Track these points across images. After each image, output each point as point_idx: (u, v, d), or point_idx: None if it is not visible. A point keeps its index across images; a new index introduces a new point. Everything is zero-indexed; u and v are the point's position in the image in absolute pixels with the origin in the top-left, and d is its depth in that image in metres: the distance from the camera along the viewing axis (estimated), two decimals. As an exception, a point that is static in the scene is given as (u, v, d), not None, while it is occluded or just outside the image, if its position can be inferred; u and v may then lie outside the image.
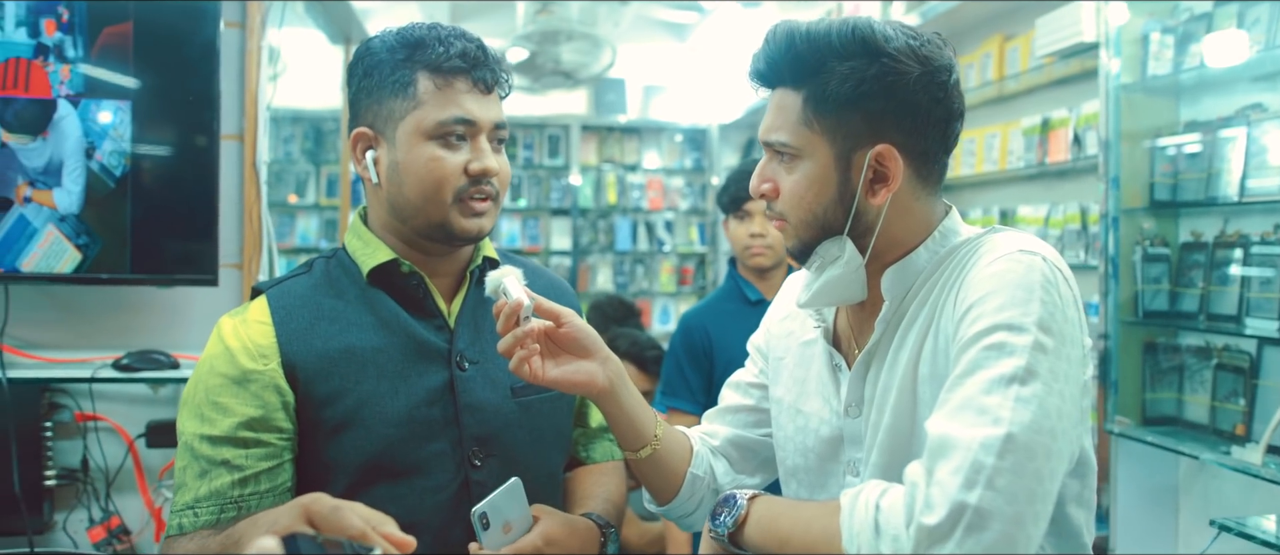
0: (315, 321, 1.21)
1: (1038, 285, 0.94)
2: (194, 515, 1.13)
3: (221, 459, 1.14)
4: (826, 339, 1.17)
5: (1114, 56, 2.36)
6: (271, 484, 1.17)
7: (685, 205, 5.97)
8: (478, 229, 1.22)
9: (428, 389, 1.21)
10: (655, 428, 1.22)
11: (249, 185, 2.14)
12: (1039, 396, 0.89)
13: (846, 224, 1.06)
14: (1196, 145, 2.30)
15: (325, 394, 1.18)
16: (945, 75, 1.04)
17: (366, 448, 1.18)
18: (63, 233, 1.93)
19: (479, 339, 1.27)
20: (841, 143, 1.04)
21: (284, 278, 1.28)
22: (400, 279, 1.25)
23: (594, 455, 1.46)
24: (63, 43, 1.92)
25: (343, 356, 1.19)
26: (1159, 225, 2.40)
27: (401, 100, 1.20)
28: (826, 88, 1.02)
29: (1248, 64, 2.14)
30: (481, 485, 1.20)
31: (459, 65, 1.19)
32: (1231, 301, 2.19)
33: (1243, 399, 2.16)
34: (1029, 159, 2.93)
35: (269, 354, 1.18)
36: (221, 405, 1.16)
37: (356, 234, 1.28)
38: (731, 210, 2.33)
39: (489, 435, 1.24)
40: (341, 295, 1.24)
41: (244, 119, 2.14)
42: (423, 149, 1.19)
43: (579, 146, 5.76)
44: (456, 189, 1.19)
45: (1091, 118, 2.63)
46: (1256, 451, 1.98)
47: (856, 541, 0.91)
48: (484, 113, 1.21)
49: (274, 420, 1.17)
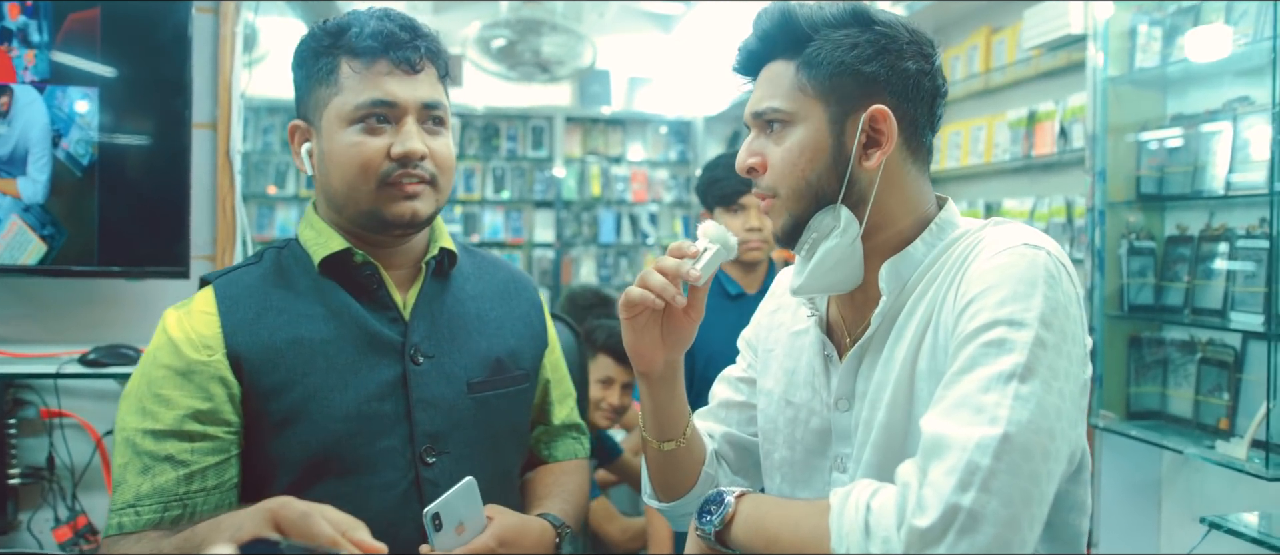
0: (262, 312, 1.17)
1: (1041, 280, 0.92)
2: (135, 514, 1.09)
3: (165, 454, 1.10)
4: (820, 328, 1.14)
5: (1101, 49, 2.35)
6: (218, 480, 1.13)
7: (669, 198, 5.94)
8: (411, 214, 1.18)
9: (379, 382, 1.18)
10: (686, 426, 1.19)
11: (222, 175, 2.09)
12: (1037, 395, 0.87)
13: (841, 192, 1.03)
14: (1183, 139, 2.29)
15: (271, 386, 1.14)
16: (931, 50, 1.06)
17: (313, 443, 1.14)
18: (27, 223, 1.87)
19: (435, 332, 1.23)
20: (835, 105, 1.03)
21: (232, 268, 1.25)
22: (354, 269, 1.22)
23: (556, 453, 1.43)
24: (27, 27, 1.86)
25: (290, 347, 1.16)
26: (1145, 219, 2.38)
27: (326, 88, 1.18)
28: (820, 52, 1.03)
29: (1234, 57, 2.13)
30: (433, 484, 1.18)
31: (373, 46, 1.16)
32: (1216, 295, 2.18)
33: (1227, 393, 2.15)
34: (1015, 152, 2.92)
35: (213, 345, 1.14)
36: (165, 398, 1.12)
37: (310, 224, 1.25)
38: (723, 204, 2.28)
39: (442, 432, 1.21)
40: (292, 286, 1.20)
41: (217, 107, 2.09)
42: (344, 135, 1.16)
43: (563, 138, 5.71)
44: (381, 174, 1.16)
45: (1078, 111, 2.61)
46: (1241, 446, 1.97)
47: (846, 542, 0.89)
48: (407, 93, 1.17)
49: (221, 413, 1.13)
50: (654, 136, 5.97)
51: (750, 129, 1.11)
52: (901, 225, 1.06)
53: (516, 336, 1.33)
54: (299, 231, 1.26)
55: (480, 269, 1.36)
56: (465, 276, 1.32)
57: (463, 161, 5.61)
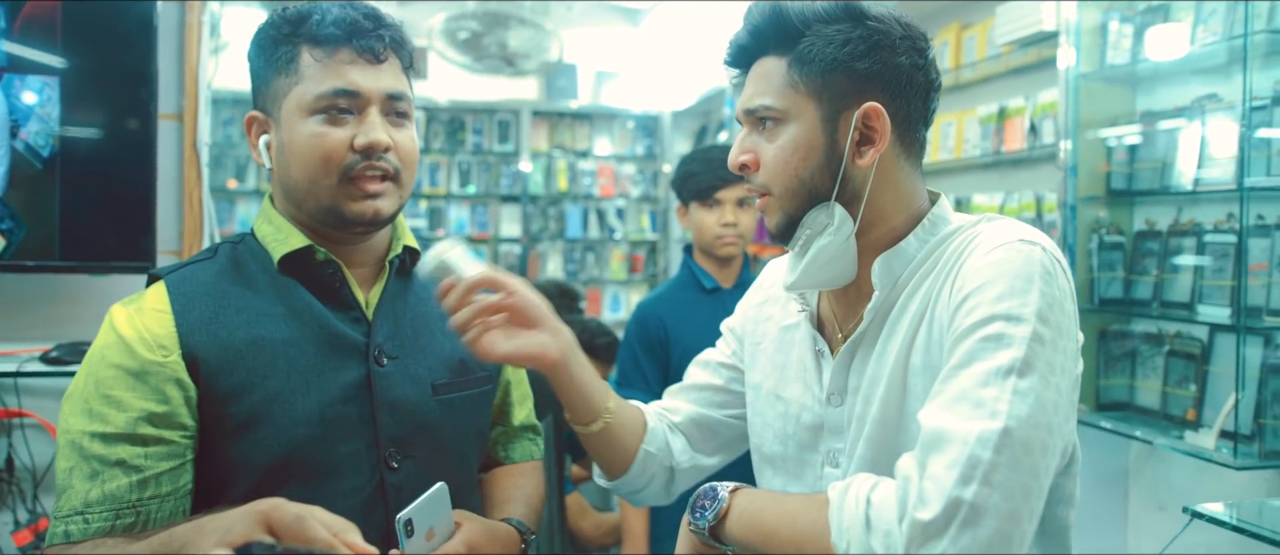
0: (220, 311, 1.12)
1: (1037, 276, 0.92)
2: (84, 522, 1.03)
3: (116, 459, 1.04)
4: (811, 323, 1.14)
5: (1073, 46, 2.38)
6: (173, 486, 1.07)
7: (636, 192, 5.92)
8: (373, 212, 1.14)
9: (342, 385, 1.14)
10: (607, 401, 1.18)
11: (189, 167, 2.04)
12: (1036, 389, 0.87)
13: (834, 189, 1.03)
14: (1152, 135, 2.33)
15: (230, 388, 1.09)
16: (924, 44, 1.05)
17: (275, 447, 1.09)
18: (-15, 217, 1.80)
19: (398, 332, 1.20)
20: (828, 103, 1.02)
21: (185, 263, 1.18)
22: (315, 267, 1.17)
23: (513, 455, 1.41)
24: (-17, 13, 1.79)
25: (250, 348, 1.11)
26: (1114, 214, 2.42)
27: (286, 77, 1.14)
28: (813, 49, 1.02)
29: (1203, 55, 2.17)
30: (398, 488, 1.14)
31: (336, 34, 1.13)
32: (1184, 289, 2.22)
33: (1194, 385, 2.19)
34: (985, 147, 2.95)
35: (168, 345, 1.08)
36: (115, 399, 1.05)
37: (267, 218, 1.20)
38: (699, 198, 2.26)
39: (407, 435, 1.17)
40: (250, 283, 1.15)
41: (183, 98, 2.03)
42: (305, 125, 1.12)
43: (529, 132, 5.66)
44: (343, 166, 1.12)
45: (1047, 107, 2.65)
46: (1209, 436, 2.02)
47: (846, 537, 0.88)
48: (370, 83, 1.14)
49: (176, 416, 1.07)
50: (621, 131, 5.95)
51: (742, 124, 1.10)
52: (895, 221, 1.06)
53: None
54: (255, 226, 1.21)
55: None
56: None
57: (428, 155, 5.53)
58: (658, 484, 1.25)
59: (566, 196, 5.79)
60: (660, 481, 1.25)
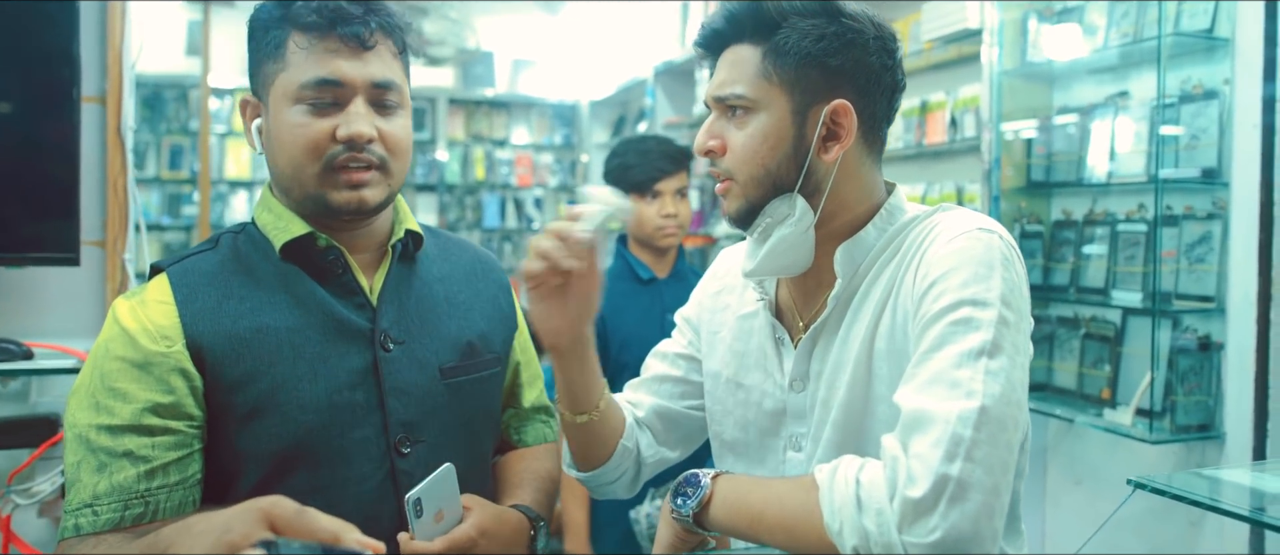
0: (223, 300, 1.11)
1: (998, 262, 0.96)
2: (93, 514, 1.02)
3: (124, 450, 1.03)
4: (769, 311, 1.16)
5: (997, 44, 2.49)
6: (181, 476, 1.06)
7: (554, 182, 5.90)
8: (358, 202, 1.13)
9: (350, 371, 1.13)
10: (600, 399, 1.19)
11: (113, 154, 1.92)
12: (1006, 369, 0.91)
13: (798, 181, 1.05)
14: (1068, 129, 2.46)
15: (236, 377, 1.08)
16: (893, 45, 1.07)
17: (284, 435, 1.09)
18: (-112, 205, 1.67)
19: (404, 316, 1.19)
20: (799, 96, 1.04)
21: (186, 254, 1.17)
22: (317, 254, 1.16)
23: (526, 438, 1.40)
24: (-116, -16, 1.65)
25: (255, 337, 1.10)
26: (1033, 204, 2.55)
27: (274, 63, 1.12)
28: (788, 41, 1.03)
29: (1118, 52, 2.30)
30: (408, 474, 1.14)
31: (319, 21, 1.11)
32: (1099, 275, 2.36)
33: (1108, 365, 2.34)
34: (908, 139, 3.05)
35: (172, 335, 1.07)
36: (121, 391, 1.04)
37: (267, 207, 1.18)
38: (637, 191, 2.24)
39: (417, 419, 1.17)
40: (252, 272, 1.14)
41: (107, 80, 1.92)
42: (289, 113, 1.11)
43: (446, 121, 5.57)
44: (326, 156, 1.11)
45: (968, 101, 2.76)
46: (1126, 413, 2.16)
47: (839, 517, 0.91)
48: (355, 72, 1.12)
49: (183, 406, 1.06)
50: (539, 120, 5.91)
51: (710, 109, 1.11)
52: (855, 213, 1.09)
53: (486, 319, 1.29)
54: (256, 214, 1.19)
55: (446, 251, 1.32)
56: (431, 259, 1.28)
57: (340, 143, 5.38)
58: (627, 478, 1.26)
59: (483, 186, 5.73)
60: (629, 475, 1.26)
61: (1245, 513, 1.28)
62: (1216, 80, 2.11)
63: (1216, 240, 2.10)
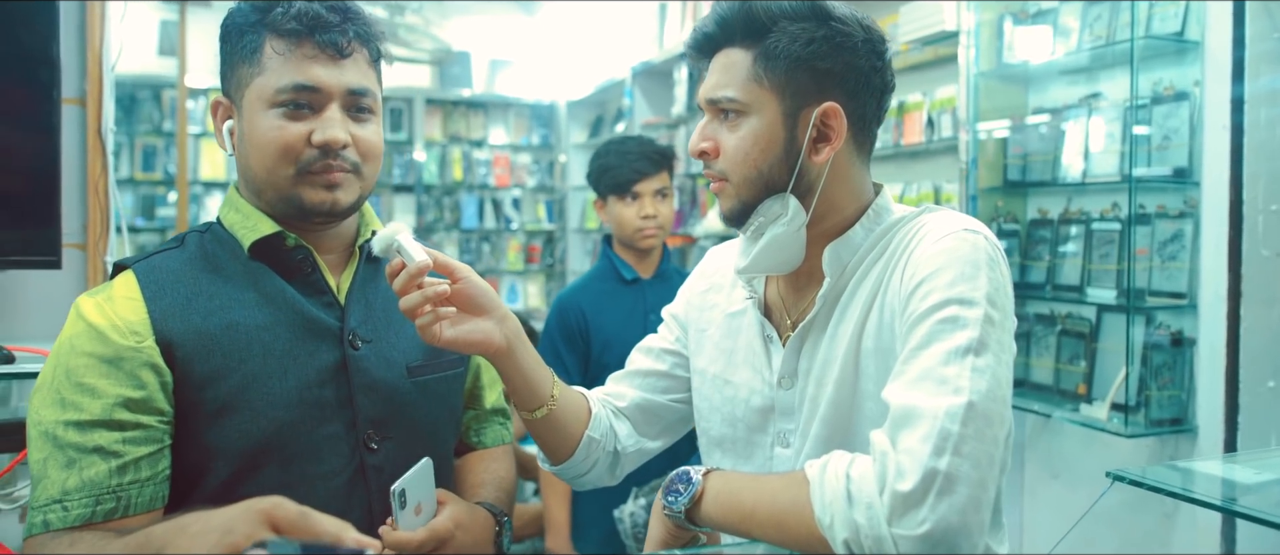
0: (192, 297, 1.12)
1: (984, 262, 0.99)
2: (63, 510, 1.02)
3: (93, 446, 1.03)
4: (758, 309, 1.18)
5: (974, 46, 2.53)
6: (151, 471, 1.07)
7: (532, 182, 5.89)
8: (331, 203, 1.15)
9: (319, 368, 1.15)
10: (551, 388, 1.20)
11: (93, 156, 1.91)
12: (991, 367, 0.94)
13: (790, 181, 1.07)
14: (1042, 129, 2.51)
15: (206, 374, 1.09)
16: (883, 47, 1.09)
17: (254, 432, 1.10)
18: None
19: (371, 316, 1.22)
20: (790, 99, 1.06)
21: (152, 252, 1.18)
22: (285, 254, 1.18)
23: (485, 439, 1.42)
24: None
25: (224, 334, 1.11)
26: (1010, 203, 2.60)
27: (249, 66, 1.14)
28: (778, 45, 1.05)
29: (1090, 54, 2.35)
30: (377, 470, 1.16)
31: (298, 28, 1.12)
32: (1074, 273, 2.41)
33: (1084, 361, 2.38)
34: (886, 139, 3.09)
35: (142, 331, 1.08)
36: (89, 387, 1.05)
37: (234, 207, 1.19)
38: (617, 192, 2.25)
39: (385, 417, 1.19)
40: (220, 271, 1.15)
41: (86, 81, 1.90)
42: (265, 118, 1.13)
43: (423, 121, 5.54)
44: (300, 161, 1.13)
45: (945, 102, 2.80)
46: (1102, 408, 2.20)
47: (830, 511, 0.93)
48: (331, 79, 1.14)
49: (153, 401, 1.07)
50: (516, 120, 5.90)
51: (702, 111, 1.13)
52: (845, 213, 1.11)
53: None
54: (222, 214, 1.20)
55: None
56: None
57: (316, 143, 5.34)
58: (602, 467, 1.28)
59: (461, 186, 5.71)
60: (604, 465, 1.28)
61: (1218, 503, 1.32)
62: (1187, 82, 2.16)
63: (1188, 238, 2.15)
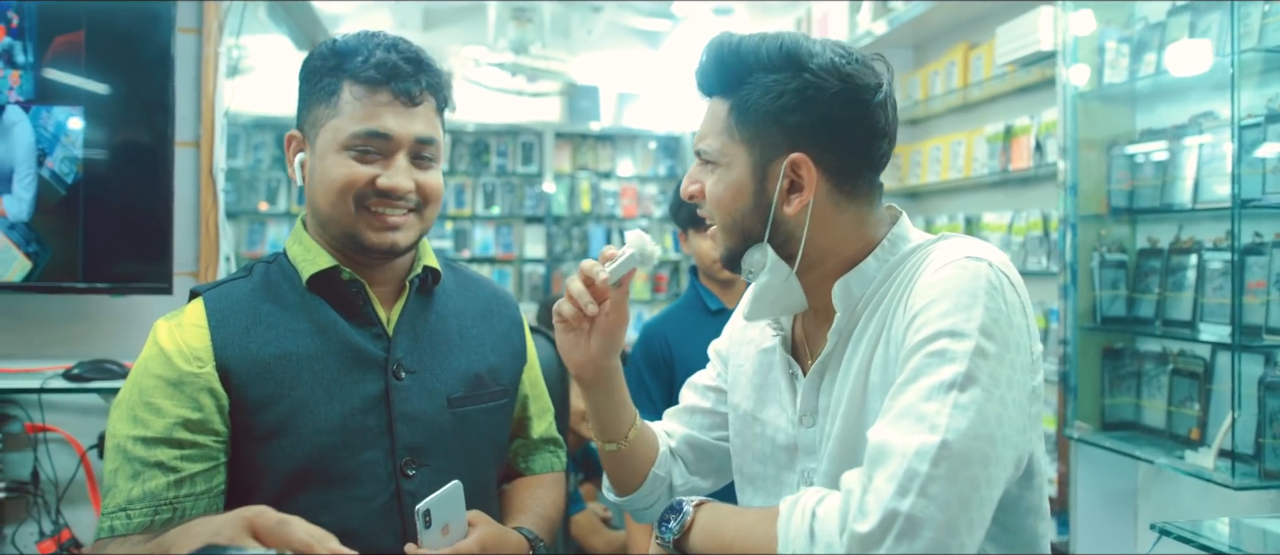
0: (252, 326, 1.21)
1: (982, 291, 0.94)
2: (126, 517, 1.12)
3: (155, 460, 1.13)
4: (785, 347, 1.17)
5: (1071, 65, 2.39)
6: (207, 486, 1.16)
7: (659, 213, 5.97)
8: (391, 243, 1.22)
9: (363, 397, 1.21)
10: (629, 428, 1.22)
11: (205, 192, 2.12)
12: (978, 403, 0.89)
13: (765, 232, 1.06)
14: (1152, 153, 2.33)
15: (259, 399, 1.18)
16: (868, 95, 1.03)
17: (298, 455, 1.17)
18: (12, 240, 1.90)
19: (417, 348, 1.27)
20: (759, 153, 1.04)
21: (223, 281, 1.27)
22: (340, 286, 1.25)
23: (534, 466, 1.46)
24: (13, 48, 1.89)
25: (278, 362, 1.19)
26: (1117, 232, 2.42)
27: (325, 107, 1.21)
28: (749, 98, 1.04)
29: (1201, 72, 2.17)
30: (413, 495, 1.20)
31: (376, 76, 1.18)
32: (1186, 307, 2.21)
33: (1197, 404, 2.18)
34: (992, 166, 2.96)
35: (204, 357, 1.17)
36: (155, 406, 1.15)
37: (298, 240, 1.28)
38: (692, 225, 2.29)
39: (422, 445, 1.24)
40: (280, 301, 1.24)
41: (200, 125, 2.12)
42: (336, 159, 1.19)
43: (553, 153, 5.75)
44: (362, 199, 1.19)
45: (1052, 125, 2.65)
46: (1208, 455, 2.00)
47: (791, 545, 0.91)
48: (402, 128, 1.20)
49: (210, 423, 1.16)
50: (643, 152, 6.01)
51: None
52: (845, 253, 1.08)
53: (497, 353, 1.36)
54: (287, 246, 1.29)
55: (463, 286, 1.40)
56: (448, 293, 1.36)
57: (453, 177, 5.64)
58: (662, 503, 1.27)
59: (589, 217, 5.86)
60: (664, 502, 1.28)
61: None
62: (1308, 97, 1.96)
63: (1311, 270, 1.93)
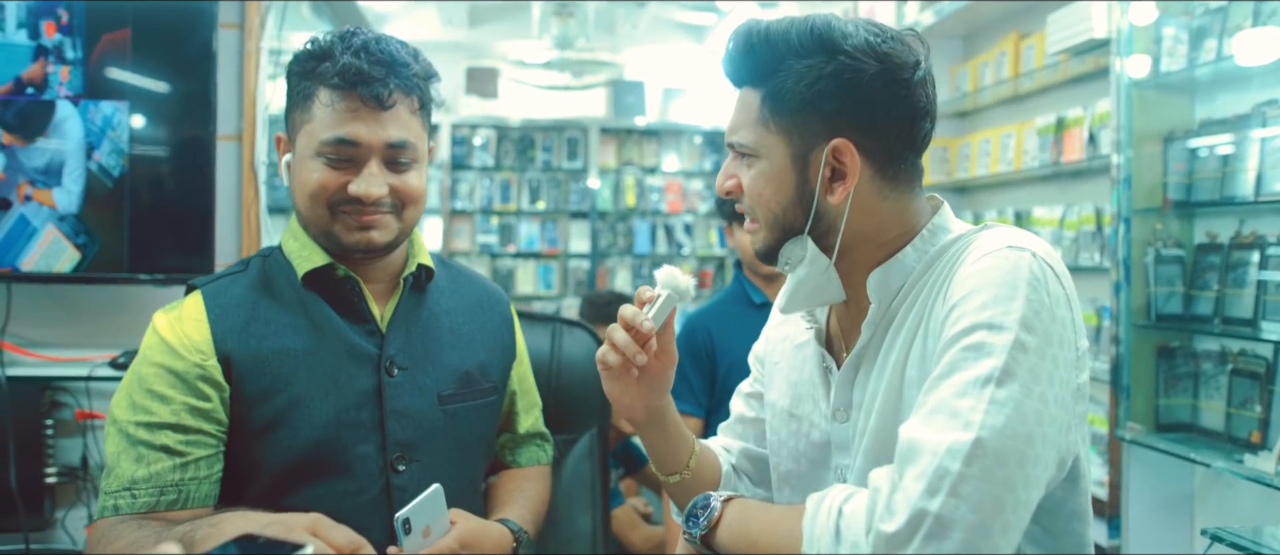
0: (250, 321, 1.22)
1: (1023, 282, 0.90)
2: (131, 496, 1.15)
3: (161, 444, 1.16)
4: (819, 341, 1.14)
5: (1125, 53, 2.30)
6: (209, 471, 1.19)
7: (704, 208, 5.94)
8: (367, 242, 1.22)
9: (356, 392, 1.22)
10: (688, 458, 1.19)
11: (247, 185, 2.15)
12: (1016, 399, 0.85)
13: (807, 224, 1.03)
14: (1212, 144, 2.23)
15: (257, 392, 1.20)
16: (908, 73, 1.00)
17: (294, 448, 1.19)
18: (62, 232, 1.94)
19: (409, 345, 1.28)
20: (798, 142, 1.01)
21: (220, 275, 1.29)
22: (335, 283, 1.26)
23: (520, 459, 1.47)
24: (62, 44, 1.94)
25: (275, 357, 1.21)
26: (1173, 226, 2.33)
27: (301, 112, 1.22)
28: (783, 86, 1.01)
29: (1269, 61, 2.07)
30: (403, 490, 1.22)
31: (340, 83, 1.18)
32: (1247, 304, 2.12)
33: (1259, 406, 2.08)
34: (1044, 159, 2.87)
35: (205, 349, 1.19)
36: (159, 394, 1.17)
37: (294, 235, 1.29)
38: (738, 219, 2.29)
39: (413, 440, 1.25)
40: (277, 296, 1.25)
41: (242, 119, 2.15)
42: (311, 164, 1.20)
43: (598, 149, 5.75)
44: (335, 205, 1.20)
45: (1106, 116, 2.56)
46: (1269, 460, 1.91)
47: (816, 544, 0.89)
48: (371, 134, 1.19)
49: (213, 412, 1.19)
50: (688, 147, 5.98)
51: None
52: (883, 241, 1.05)
53: (487, 350, 1.37)
54: (283, 241, 1.31)
55: (456, 284, 1.41)
56: (441, 291, 1.37)
57: (498, 173, 5.68)
58: None
59: (635, 212, 5.85)
60: None
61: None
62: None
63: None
